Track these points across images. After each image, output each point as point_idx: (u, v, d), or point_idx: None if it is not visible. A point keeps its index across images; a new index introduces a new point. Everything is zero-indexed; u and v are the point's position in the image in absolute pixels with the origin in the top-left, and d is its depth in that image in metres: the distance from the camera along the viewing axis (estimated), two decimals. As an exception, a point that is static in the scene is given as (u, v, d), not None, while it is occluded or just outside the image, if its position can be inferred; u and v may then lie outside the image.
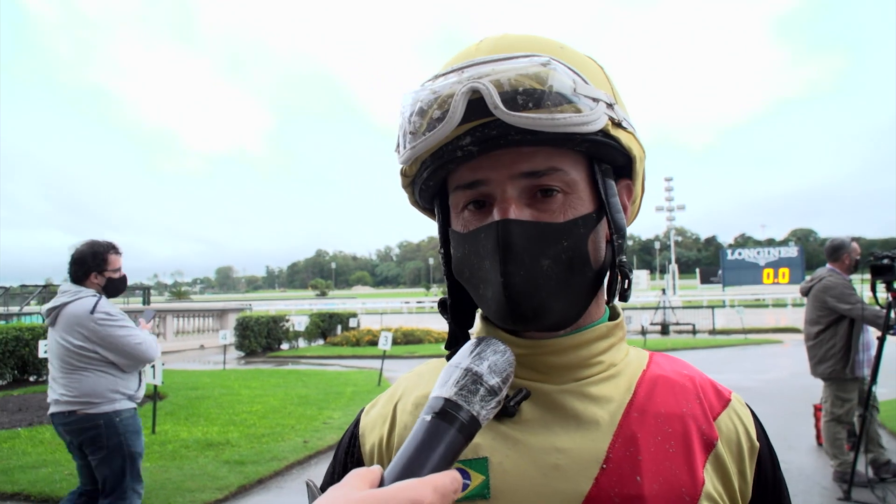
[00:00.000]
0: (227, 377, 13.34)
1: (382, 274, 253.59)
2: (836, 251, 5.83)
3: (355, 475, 0.57)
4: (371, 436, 0.87)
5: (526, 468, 0.74)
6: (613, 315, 0.87)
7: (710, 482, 0.75)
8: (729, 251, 48.51)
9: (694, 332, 23.88)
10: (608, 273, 0.80)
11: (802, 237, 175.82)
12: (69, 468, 6.39)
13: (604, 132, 0.73)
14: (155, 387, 7.98)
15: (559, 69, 0.69)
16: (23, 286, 25.77)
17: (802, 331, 6.17)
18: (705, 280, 56.90)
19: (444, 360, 0.85)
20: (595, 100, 0.71)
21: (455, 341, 0.85)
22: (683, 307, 30.05)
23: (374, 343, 19.32)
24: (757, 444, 0.81)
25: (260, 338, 19.90)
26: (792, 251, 46.30)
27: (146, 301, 27.15)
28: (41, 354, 10.87)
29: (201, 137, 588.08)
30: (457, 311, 0.86)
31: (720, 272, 47.93)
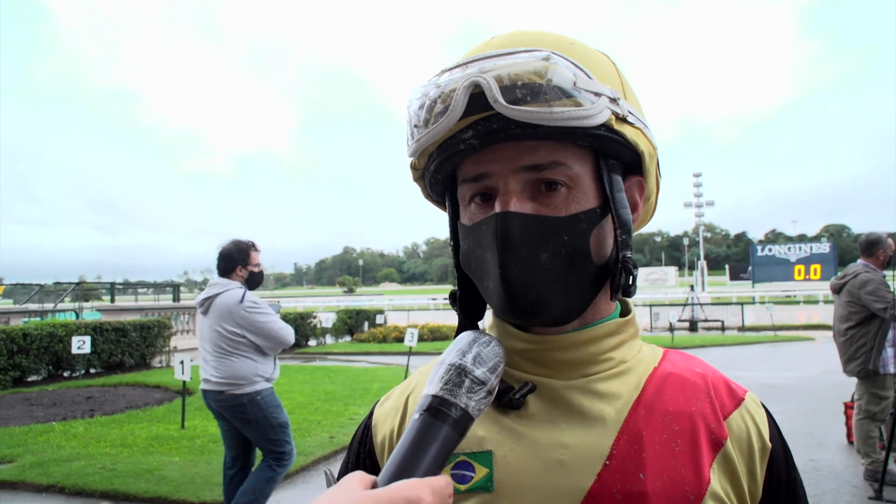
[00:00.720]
0: (256, 373, 13.46)
1: (410, 271, 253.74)
2: (872, 246, 5.68)
3: (351, 478, 0.58)
4: (383, 427, 0.88)
5: (529, 462, 0.74)
6: (625, 312, 0.87)
7: (717, 481, 0.74)
8: (759, 247, 47.80)
9: (723, 328, 23.61)
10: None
11: (835, 233, 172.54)
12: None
13: (607, 127, 0.73)
14: (184, 382, 8.09)
15: (560, 63, 0.69)
16: (57, 283, 26.23)
17: (832, 327, 6.06)
18: (735, 276, 56.15)
19: None
20: (597, 94, 0.71)
21: (463, 329, 0.85)
22: (712, 304, 29.72)
23: (400, 339, 19.38)
24: (769, 444, 0.80)
25: (287, 334, 20.06)
26: (824, 247, 45.47)
27: (176, 298, 27.47)
28: (74, 351, 11.12)
29: (226, 137, 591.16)
30: (466, 303, 0.87)
31: (750, 268, 47.30)
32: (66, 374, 13.44)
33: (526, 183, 0.74)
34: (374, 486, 0.58)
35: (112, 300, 25.63)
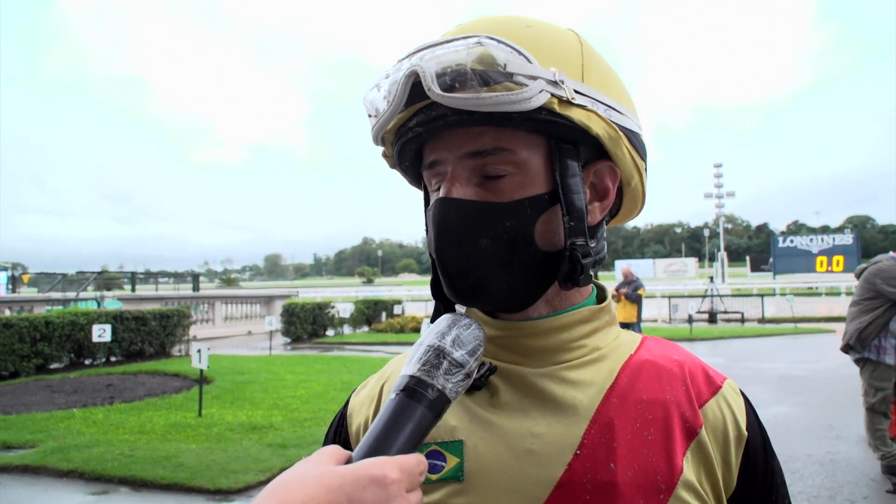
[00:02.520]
0: (273, 363, 13.59)
1: (428, 261, 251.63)
2: None
3: (324, 452, 0.58)
4: (358, 416, 0.88)
5: (500, 452, 0.74)
6: (601, 299, 0.86)
7: (690, 470, 0.73)
8: (780, 238, 47.35)
9: (742, 320, 23.43)
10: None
11: (859, 224, 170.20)
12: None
13: (548, 110, 0.71)
14: (201, 371, 8.18)
15: (492, 47, 0.69)
16: (79, 273, 26.62)
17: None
18: (756, 268, 55.78)
19: None
20: (532, 77, 0.69)
21: (439, 315, 0.85)
22: (732, 295, 29.47)
23: (417, 330, 19.44)
24: (745, 433, 0.78)
25: (306, 324, 20.22)
26: (847, 238, 44.94)
27: (196, 287, 27.71)
28: (95, 339, 11.27)
29: (237, 127, 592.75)
30: (438, 286, 0.86)
31: (771, 260, 46.88)
32: (87, 362, 13.62)
33: (472, 169, 0.75)
34: (349, 461, 0.58)
35: (133, 289, 25.94)
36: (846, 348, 5.63)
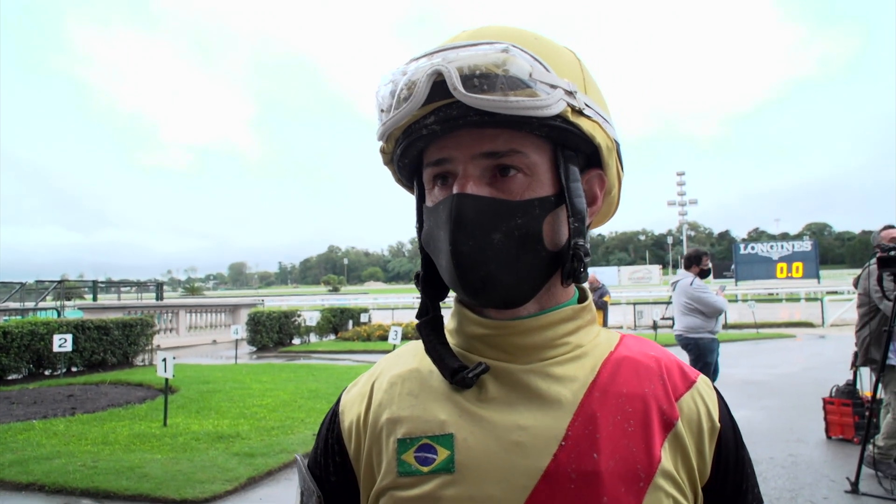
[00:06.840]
0: (239, 371, 13.44)
1: (395, 269, 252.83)
2: None
3: None
4: (350, 413, 0.90)
5: (489, 444, 0.77)
6: (582, 298, 0.90)
7: (668, 460, 0.78)
8: (742, 245, 48.23)
9: (706, 326, 23.77)
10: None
11: (817, 231, 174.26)
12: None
13: (562, 118, 0.76)
14: (166, 380, 8.06)
15: (518, 55, 0.73)
16: (38, 282, 26.03)
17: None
18: (718, 275, 56.64)
19: (421, 342, 0.89)
20: (553, 86, 0.74)
21: (425, 311, 0.90)
22: (696, 302, 29.92)
23: (384, 338, 19.37)
24: (718, 424, 0.83)
25: (272, 333, 20.03)
26: (806, 245, 45.91)
27: (159, 296, 27.28)
28: (56, 349, 11.04)
29: (182, 128, 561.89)
30: (428, 283, 0.90)
31: (733, 267, 47.70)
32: (47, 373, 13.33)
33: (484, 169, 0.78)
34: None
35: (94, 298, 25.46)
36: (864, 361, 5.81)
